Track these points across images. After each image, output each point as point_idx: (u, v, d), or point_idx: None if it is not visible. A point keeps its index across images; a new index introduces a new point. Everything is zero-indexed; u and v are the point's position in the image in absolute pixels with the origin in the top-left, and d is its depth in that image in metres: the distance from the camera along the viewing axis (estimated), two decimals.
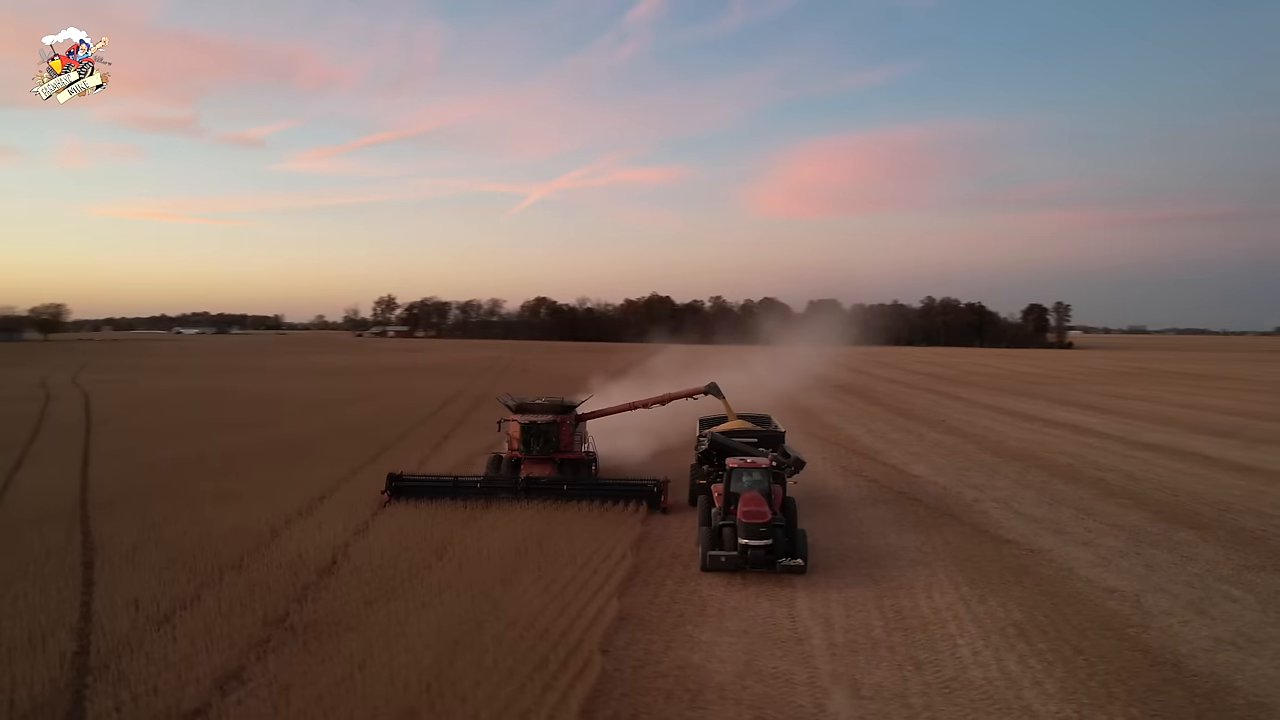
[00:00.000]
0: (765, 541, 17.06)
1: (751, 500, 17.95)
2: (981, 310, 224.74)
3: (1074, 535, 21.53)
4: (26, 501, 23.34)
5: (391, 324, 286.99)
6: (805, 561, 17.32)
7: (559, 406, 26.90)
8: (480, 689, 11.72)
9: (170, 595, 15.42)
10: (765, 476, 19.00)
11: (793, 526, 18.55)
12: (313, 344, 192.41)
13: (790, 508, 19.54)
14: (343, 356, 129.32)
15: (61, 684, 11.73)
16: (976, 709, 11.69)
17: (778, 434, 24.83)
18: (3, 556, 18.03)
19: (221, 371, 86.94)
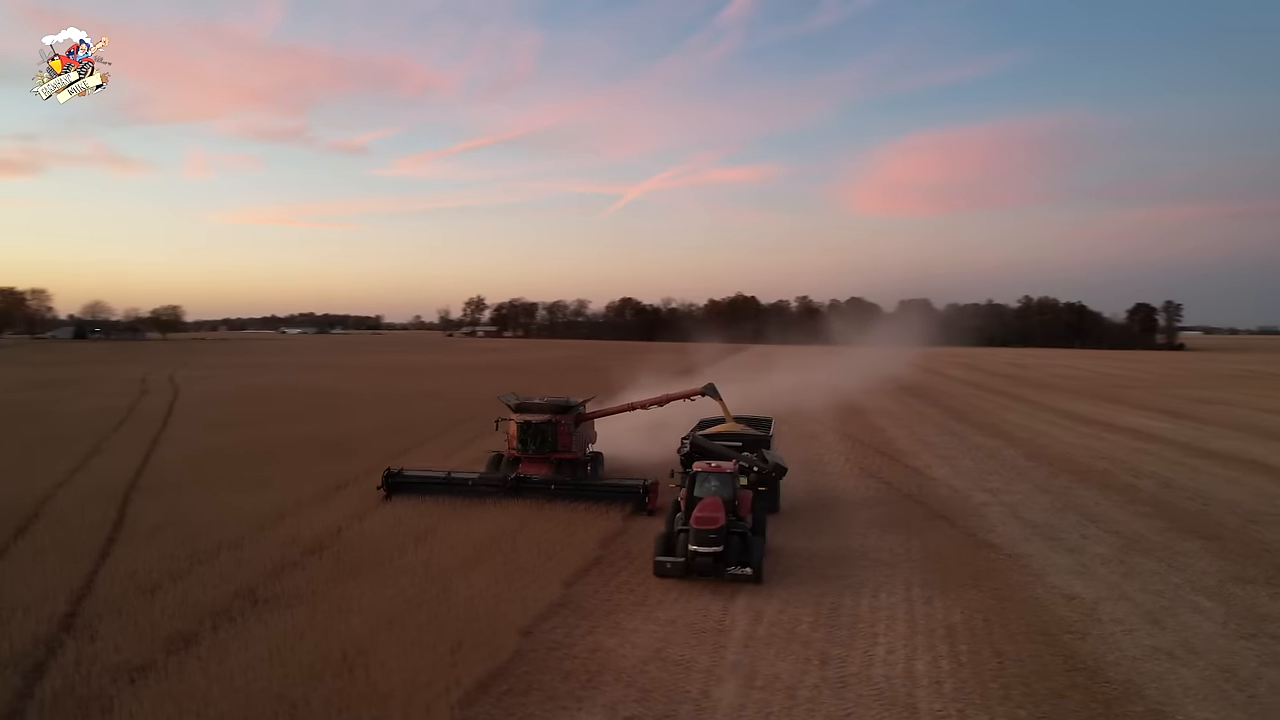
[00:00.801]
0: (715, 549, 16.71)
1: (707, 506, 17.67)
2: (1082, 310, 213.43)
3: (1065, 541, 20.92)
4: (86, 484, 26.00)
5: (481, 324, 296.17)
6: (759, 570, 16.93)
7: (557, 406, 27.05)
8: (393, 661, 12.75)
9: (165, 569, 17.18)
10: (730, 481, 18.74)
11: (760, 533, 18.50)
12: (402, 343, 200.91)
13: (760, 514, 19.35)
14: (425, 355, 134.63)
15: (42, 639, 13.44)
16: (860, 704, 11.91)
17: (763, 438, 24.57)
18: (46, 529, 20.41)
19: (306, 369, 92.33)
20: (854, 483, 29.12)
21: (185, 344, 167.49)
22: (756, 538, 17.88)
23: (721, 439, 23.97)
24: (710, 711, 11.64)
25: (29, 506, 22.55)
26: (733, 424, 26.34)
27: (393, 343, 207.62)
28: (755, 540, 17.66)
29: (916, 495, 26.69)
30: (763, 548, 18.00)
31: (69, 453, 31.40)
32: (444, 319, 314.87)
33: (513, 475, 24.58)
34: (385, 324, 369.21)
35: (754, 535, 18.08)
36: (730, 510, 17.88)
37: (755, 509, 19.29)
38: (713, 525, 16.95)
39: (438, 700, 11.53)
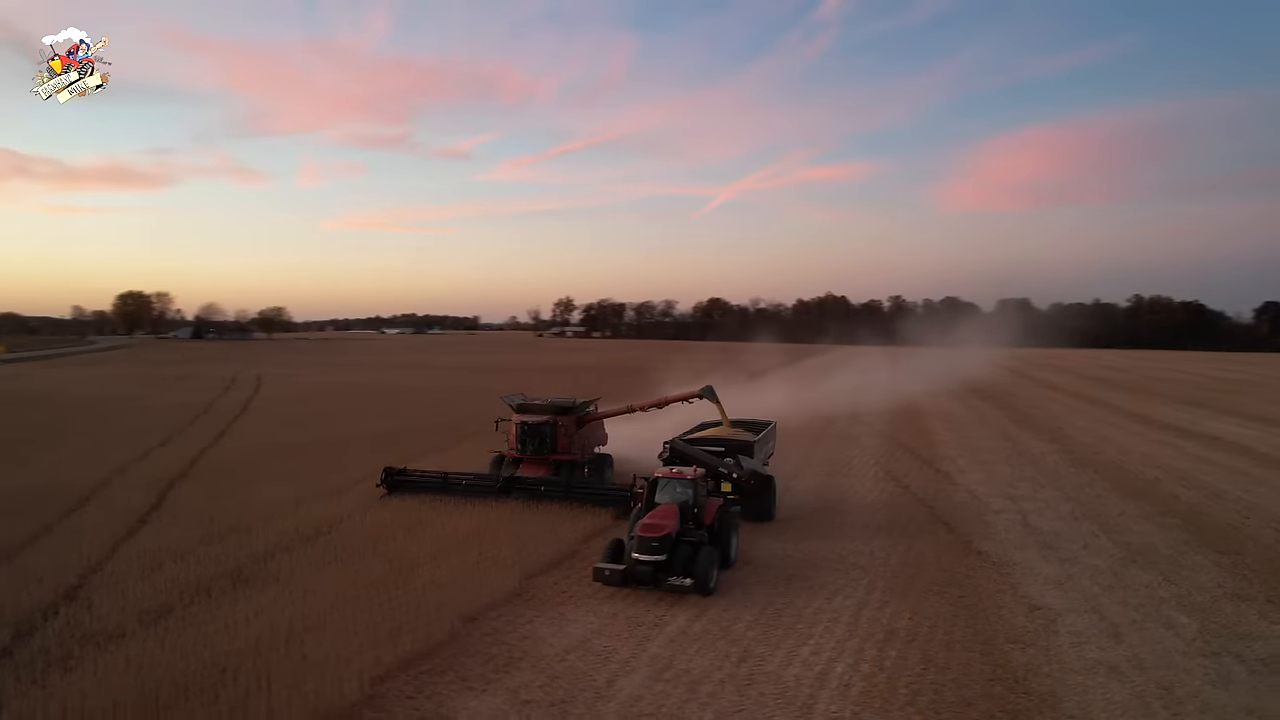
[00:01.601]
0: (656, 558, 16.12)
1: (658, 513, 17.27)
2: (1200, 310, 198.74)
3: (1062, 551, 20.09)
4: (142, 472, 28.52)
5: (570, 325, 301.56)
6: (706, 580, 16.24)
7: (557, 407, 27.08)
8: (332, 639, 13.69)
9: (173, 549, 18.86)
10: (690, 488, 18.15)
11: (723, 542, 17.95)
12: (493, 343, 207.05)
13: (725, 522, 18.43)
14: (509, 355, 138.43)
15: (43, 606, 15.12)
16: (758, 701, 12.04)
17: (745, 443, 23.62)
18: (91, 511, 22.69)
19: (391, 368, 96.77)
20: (870, 486, 28.63)
21: (287, 343, 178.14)
22: (709, 548, 17.02)
23: (703, 444, 23.56)
24: (607, 700, 12.03)
25: (86, 491, 25.03)
26: (728, 427, 26.10)
27: (483, 343, 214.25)
28: (707, 550, 16.79)
29: (929, 500, 26.05)
30: (718, 557, 17.17)
31: (139, 444, 34.41)
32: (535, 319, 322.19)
33: (503, 475, 24.59)
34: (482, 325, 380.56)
35: (716, 544, 17.68)
36: (689, 518, 17.56)
37: (721, 517, 18.44)
38: (657, 533, 16.39)
39: (356, 675, 12.37)
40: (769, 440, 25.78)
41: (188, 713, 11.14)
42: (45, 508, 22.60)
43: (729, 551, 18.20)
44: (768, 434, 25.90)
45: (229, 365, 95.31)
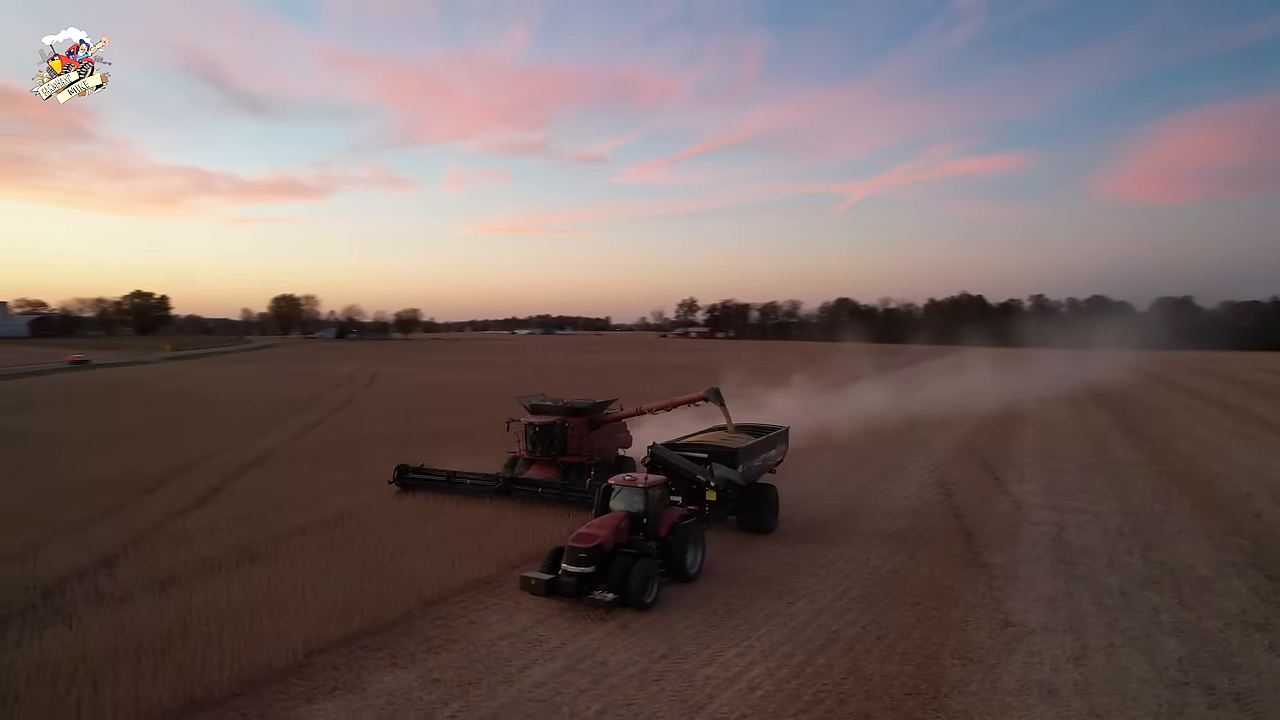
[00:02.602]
0: (584, 569, 15.48)
1: (597, 523, 16.64)
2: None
3: (1078, 568, 18.65)
4: (226, 459, 31.64)
5: (693, 325, 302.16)
6: (642, 596, 15.52)
7: (568, 409, 26.84)
8: (295, 611, 14.93)
9: (207, 527, 21.06)
10: (642, 497, 17.30)
11: (679, 553, 17.08)
12: (616, 343, 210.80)
13: (681, 534, 17.39)
14: (626, 355, 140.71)
15: (79, 570, 17.39)
16: (655, 698, 12.14)
17: (728, 450, 21.60)
18: (163, 491, 25.49)
19: (502, 367, 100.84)
20: (911, 492, 27.47)
21: (420, 343, 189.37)
22: (647, 561, 16.03)
23: (689, 450, 22.08)
24: (509, 685, 12.53)
25: (168, 475, 28.12)
26: (731, 431, 25.21)
27: (607, 343, 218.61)
28: (644, 564, 15.82)
29: (965, 509, 24.75)
30: (657, 570, 16.26)
31: (236, 434, 38.06)
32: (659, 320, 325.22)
33: (504, 476, 24.68)
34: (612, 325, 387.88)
35: (668, 557, 16.99)
36: (638, 528, 16.97)
37: (677, 529, 17.44)
38: (587, 544, 15.74)
39: (298, 645, 13.53)
40: (769, 447, 23.88)
41: (135, 665, 12.56)
42: (126, 489, 25.62)
43: (683, 565, 17.16)
44: (769, 440, 24.15)
45: (354, 363, 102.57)
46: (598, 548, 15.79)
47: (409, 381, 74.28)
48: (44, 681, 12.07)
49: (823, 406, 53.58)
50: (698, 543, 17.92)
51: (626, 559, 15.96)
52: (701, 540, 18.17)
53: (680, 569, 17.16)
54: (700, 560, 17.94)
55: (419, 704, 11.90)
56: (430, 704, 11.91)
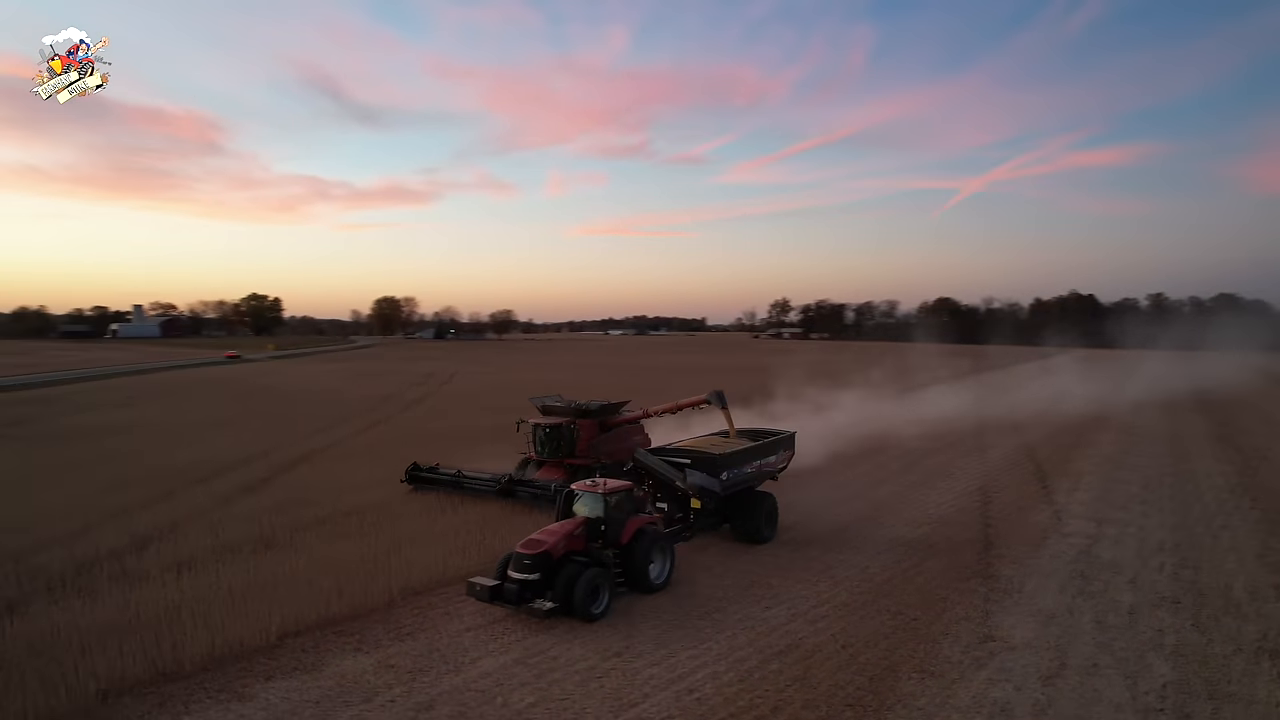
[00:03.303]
0: (527, 576, 15.09)
1: (549, 529, 16.21)
2: None
3: (1093, 583, 17.52)
4: (285, 451, 33.56)
5: (786, 326, 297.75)
6: (588, 606, 15.06)
7: (577, 410, 26.44)
8: (284, 596, 15.80)
9: (242, 515, 22.52)
10: (600, 503, 16.73)
11: (637, 564, 16.49)
12: (705, 344, 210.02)
13: (645, 543, 16.82)
14: (711, 356, 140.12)
15: (115, 551, 18.93)
16: (591, 694, 12.26)
17: (709, 457, 20.73)
18: (217, 482, 27.33)
19: (580, 367, 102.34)
20: (947, 498, 26.40)
21: (513, 343, 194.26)
22: (595, 570, 15.46)
23: (675, 455, 21.41)
24: (455, 674, 12.92)
25: (225, 466, 30.14)
26: (732, 436, 24.31)
27: (696, 344, 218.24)
28: (591, 574, 15.29)
29: (998, 518, 23.62)
30: (607, 580, 15.70)
31: (305, 428, 40.32)
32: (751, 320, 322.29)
33: (505, 477, 24.67)
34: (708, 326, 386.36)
35: (628, 566, 16.51)
36: (595, 535, 16.46)
37: (641, 537, 16.88)
38: (532, 550, 15.36)
39: (274, 627, 14.37)
40: (766, 453, 22.60)
41: (125, 638, 13.60)
42: (185, 478, 27.67)
43: (644, 574, 16.59)
44: (765, 446, 22.85)
45: (441, 362, 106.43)
46: (543, 555, 15.32)
47: (486, 381, 76.51)
48: (42, 649, 13.29)
49: (892, 410, 52.03)
50: (664, 552, 17.28)
51: (576, 567, 15.46)
52: (668, 550, 17.47)
53: (641, 579, 16.56)
54: (667, 570, 17.26)
55: (365, 687, 12.44)
56: (376, 687, 12.43)
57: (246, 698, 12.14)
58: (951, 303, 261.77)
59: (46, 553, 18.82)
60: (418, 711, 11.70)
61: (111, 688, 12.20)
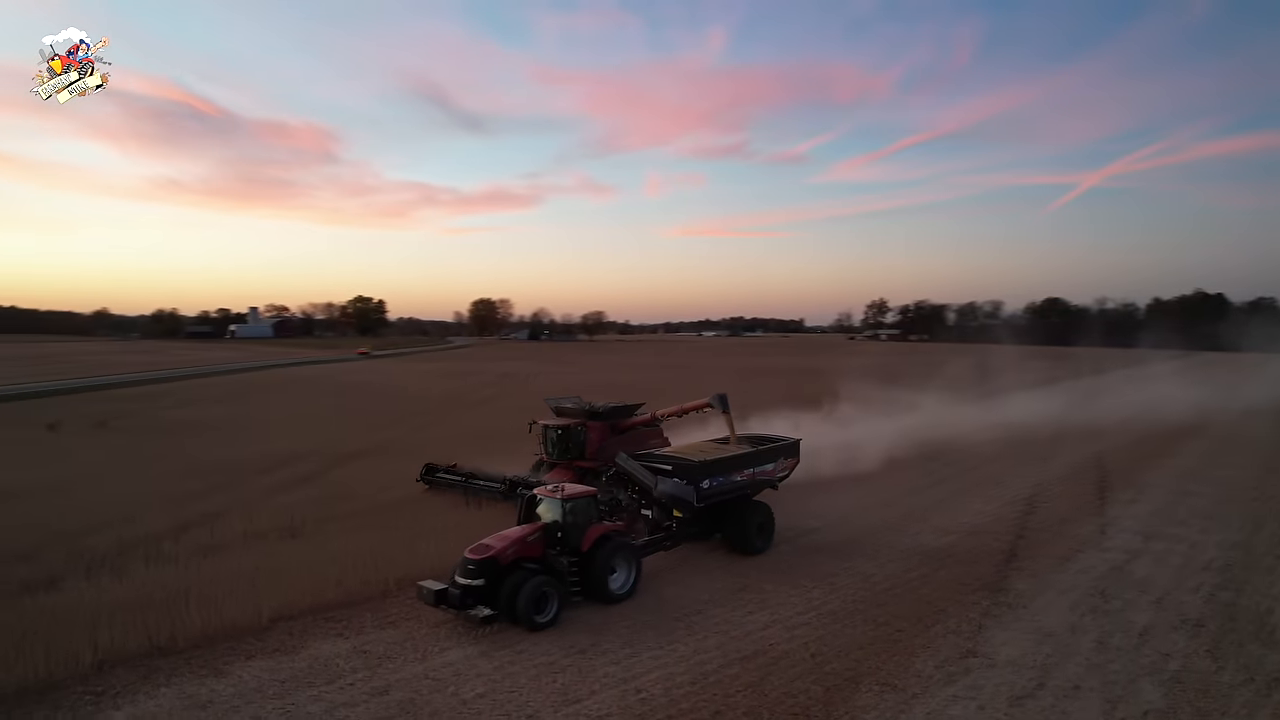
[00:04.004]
0: (471, 581, 14.83)
1: (501, 534, 15.96)
2: None
3: (1112, 601, 16.37)
4: (344, 447, 35.25)
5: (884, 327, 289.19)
6: (533, 614, 14.73)
7: (586, 412, 26.26)
8: (292, 580, 16.67)
9: (283, 506, 23.88)
10: (558, 509, 16.38)
11: (596, 572, 16.05)
12: (795, 346, 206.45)
13: (607, 551, 16.39)
14: (798, 358, 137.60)
15: (155, 535, 20.45)
16: (540, 689, 12.49)
17: (687, 464, 19.75)
18: (274, 474, 29.02)
19: (659, 367, 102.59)
20: (989, 508, 25.17)
21: (602, 344, 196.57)
22: (541, 578, 15.14)
23: (661, 462, 20.56)
24: (419, 663, 13.40)
25: (289, 459, 31.98)
26: (733, 442, 23.31)
27: (787, 346, 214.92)
28: (537, 581, 15.01)
29: (1035, 529, 22.40)
30: (556, 588, 15.29)
31: (369, 424, 42.22)
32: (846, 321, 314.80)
33: (508, 479, 24.46)
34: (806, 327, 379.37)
35: (586, 573, 16.08)
36: (552, 542, 16.20)
37: (603, 544, 16.47)
38: (478, 555, 15.09)
39: (266, 611, 15.25)
40: (761, 460, 21.50)
41: (133, 615, 14.64)
42: (242, 471, 29.63)
43: (604, 583, 16.11)
44: (761, 453, 21.74)
45: (525, 363, 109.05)
46: (489, 560, 15.03)
47: (563, 381, 77.76)
48: (60, 620, 14.55)
49: (969, 414, 49.93)
50: (628, 561, 16.76)
51: (523, 574, 15.13)
52: (633, 559, 16.92)
53: (600, 588, 16.06)
54: (631, 580, 16.71)
55: (333, 670, 13.07)
56: (342, 671, 13.05)
57: (223, 674, 12.97)
58: (1061, 303, 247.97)
59: (99, 534, 20.55)
60: (371, 696, 12.21)
61: (108, 659, 13.27)
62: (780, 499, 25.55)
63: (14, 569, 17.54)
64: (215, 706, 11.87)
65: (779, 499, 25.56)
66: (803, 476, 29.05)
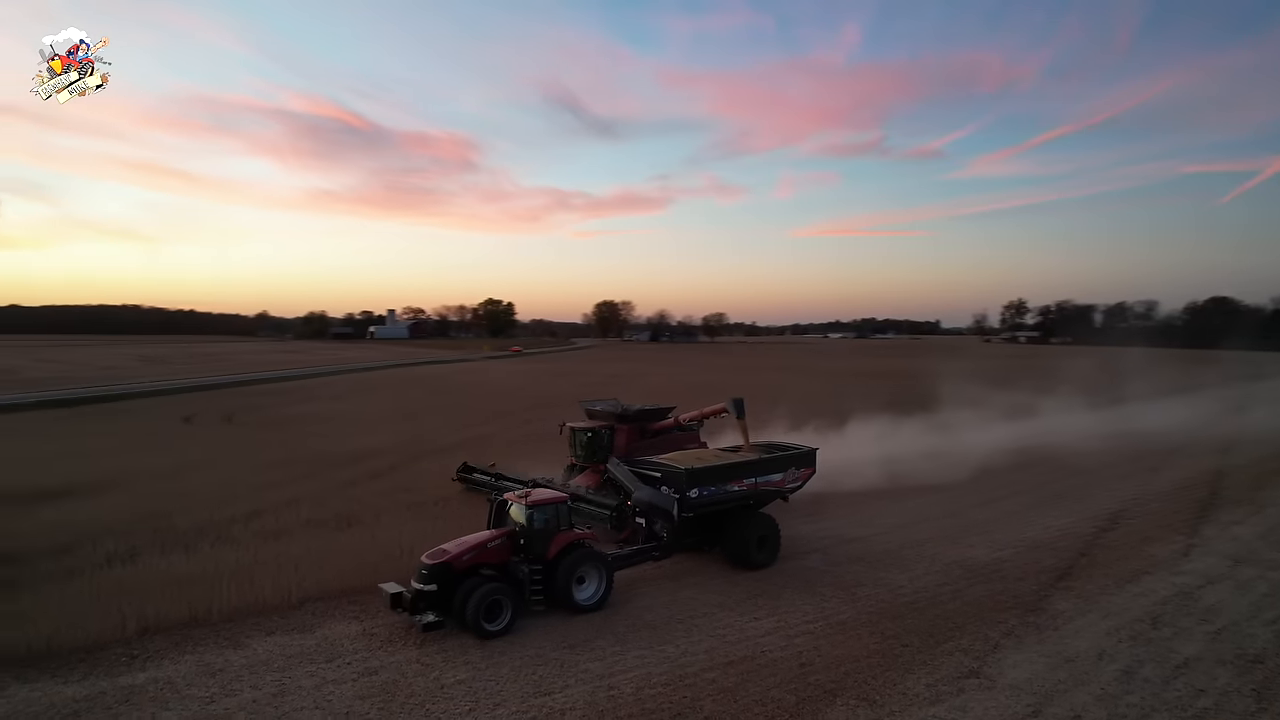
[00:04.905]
0: (424, 586, 14.70)
1: (459, 539, 15.78)
2: None
3: (1164, 630, 14.96)
4: (429, 443, 37.03)
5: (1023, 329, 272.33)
6: (480, 622, 14.37)
7: (616, 415, 26.03)
8: (329, 565, 17.86)
9: (354, 495, 25.54)
10: (523, 515, 15.92)
11: (560, 581, 15.64)
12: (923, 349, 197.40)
13: (574, 559, 15.97)
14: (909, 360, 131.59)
15: (215, 524, 22.32)
16: (492, 678, 12.91)
17: (676, 472, 18.82)
18: (361, 468, 30.96)
19: (766, 369, 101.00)
20: (1062, 523, 23.46)
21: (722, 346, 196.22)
22: (493, 586, 14.81)
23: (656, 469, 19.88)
24: (414, 648, 14.05)
25: (376, 452, 33.97)
26: (747, 448, 22.36)
27: (914, 348, 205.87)
28: (487, 589, 14.66)
29: (1105, 547, 20.78)
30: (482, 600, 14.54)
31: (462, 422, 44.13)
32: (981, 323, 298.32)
33: (533, 480, 23.99)
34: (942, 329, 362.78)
35: (551, 582, 15.69)
36: (515, 549, 15.88)
37: (570, 553, 16.09)
38: (432, 560, 14.99)
39: (297, 591, 16.44)
40: (765, 470, 20.17)
41: (188, 590, 16.12)
42: (329, 463, 31.84)
43: (568, 593, 15.69)
44: (765, 462, 20.42)
45: (635, 364, 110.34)
46: (443, 565, 14.86)
47: (669, 383, 78.16)
48: (125, 589, 16.21)
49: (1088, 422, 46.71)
50: (598, 571, 16.24)
51: (476, 581, 14.89)
52: (603, 570, 16.31)
53: (564, 597, 15.63)
54: (601, 590, 16.18)
55: (336, 650, 13.92)
56: (344, 651, 13.86)
57: (241, 647, 14.11)
58: (1230, 302, 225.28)
59: (185, 516, 22.67)
60: (360, 675, 12.95)
61: (150, 627, 14.73)
62: (833, 507, 25.07)
63: (104, 543, 19.63)
64: (223, 675, 12.95)
65: (829, 506, 25.14)
66: (870, 485, 28.25)
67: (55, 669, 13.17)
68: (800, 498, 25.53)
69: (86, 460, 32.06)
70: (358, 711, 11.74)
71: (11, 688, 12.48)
